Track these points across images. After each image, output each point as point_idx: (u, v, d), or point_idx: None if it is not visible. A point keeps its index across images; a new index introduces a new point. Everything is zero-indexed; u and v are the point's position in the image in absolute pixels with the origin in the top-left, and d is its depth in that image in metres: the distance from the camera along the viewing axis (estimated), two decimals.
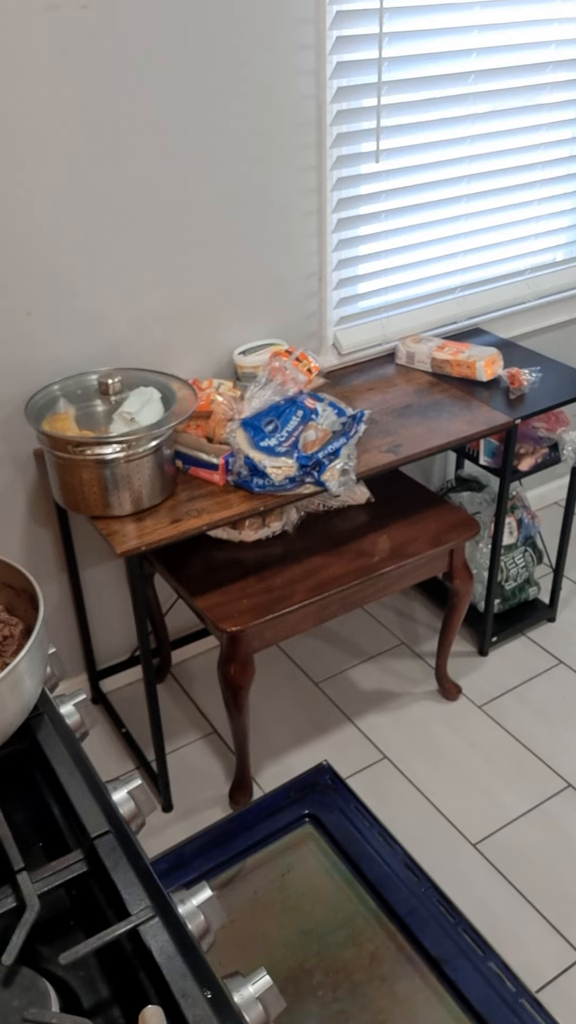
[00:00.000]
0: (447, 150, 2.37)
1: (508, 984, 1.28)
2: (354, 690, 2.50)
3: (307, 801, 1.58)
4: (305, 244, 2.24)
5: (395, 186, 2.32)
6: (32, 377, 1.95)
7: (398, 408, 2.22)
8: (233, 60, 1.93)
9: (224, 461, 1.90)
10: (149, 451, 1.80)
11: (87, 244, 1.93)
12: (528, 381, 2.28)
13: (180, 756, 2.32)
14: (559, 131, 2.57)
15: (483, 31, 2.25)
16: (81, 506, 1.85)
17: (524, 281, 2.73)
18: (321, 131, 2.12)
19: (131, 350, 2.07)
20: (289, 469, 1.87)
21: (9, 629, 1.06)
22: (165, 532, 1.80)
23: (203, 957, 0.84)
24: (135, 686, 2.51)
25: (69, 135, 1.81)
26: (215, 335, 2.21)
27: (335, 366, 2.42)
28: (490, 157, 2.46)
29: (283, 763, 2.28)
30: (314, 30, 1.99)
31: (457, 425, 2.15)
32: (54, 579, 2.28)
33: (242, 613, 1.90)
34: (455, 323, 2.60)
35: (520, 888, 1.95)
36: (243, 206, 2.10)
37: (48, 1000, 0.81)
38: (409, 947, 1.35)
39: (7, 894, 0.87)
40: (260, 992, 0.83)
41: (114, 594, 2.40)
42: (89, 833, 0.91)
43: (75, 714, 1.11)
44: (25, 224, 1.84)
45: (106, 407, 1.88)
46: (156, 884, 0.89)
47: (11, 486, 2.09)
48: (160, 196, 1.97)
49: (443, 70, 2.25)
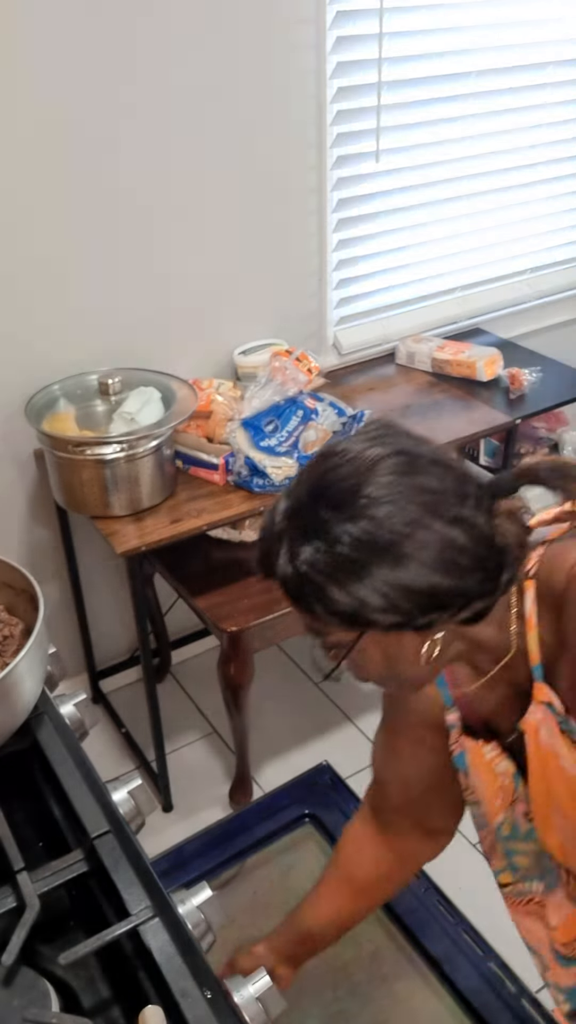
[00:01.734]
0: (447, 150, 2.37)
1: (508, 984, 1.28)
2: (354, 690, 2.50)
3: (307, 801, 1.57)
4: (305, 244, 2.24)
5: (395, 186, 2.32)
6: (32, 377, 1.95)
7: (398, 408, 2.22)
8: (233, 60, 1.93)
9: (224, 461, 1.90)
10: (149, 451, 1.79)
11: (87, 244, 1.92)
12: (528, 381, 2.28)
13: (180, 756, 2.31)
14: (559, 131, 2.57)
15: (483, 31, 2.25)
16: (81, 506, 1.85)
17: (524, 281, 2.73)
18: (321, 131, 2.11)
19: (131, 350, 2.07)
20: (289, 469, 1.87)
21: (9, 629, 1.06)
22: (165, 532, 1.79)
23: (203, 957, 0.84)
24: (135, 686, 2.51)
25: (69, 135, 1.81)
26: (215, 335, 2.21)
27: (335, 366, 2.42)
28: (490, 157, 2.46)
29: (283, 763, 2.28)
30: (314, 30, 1.99)
31: (457, 425, 2.15)
32: (54, 579, 2.28)
33: (242, 613, 1.90)
34: (455, 323, 2.60)
35: None
36: (243, 206, 2.10)
37: (48, 1000, 0.81)
38: (409, 947, 1.35)
39: (7, 894, 0.87)
40: (260, 992, 0.83)
41: (114, 594, 2.40)
42: (89, 833, 0.91)
43: (75, 714, 1.11)
44: (25, 224, 1.83)
45: (106, 407, 1.88)
46: (156, 884, 0.89)
47: (11, 486, 2.09)
48: (160, 196, 1.97)
49: (443, 69, 2.24)
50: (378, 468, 0.77)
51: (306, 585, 0.77)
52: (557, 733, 0.84)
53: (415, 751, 1.06)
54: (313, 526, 0.77)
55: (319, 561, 0.76)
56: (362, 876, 1.17)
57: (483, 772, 0.97)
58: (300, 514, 0.78)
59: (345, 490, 0.76)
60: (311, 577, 0.76)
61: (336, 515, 0.76)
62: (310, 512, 0.77)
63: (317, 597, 0.77)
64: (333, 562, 0.75)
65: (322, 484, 0.78)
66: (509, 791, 0.96)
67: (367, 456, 0.78)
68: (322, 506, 0.77)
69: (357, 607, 0.76)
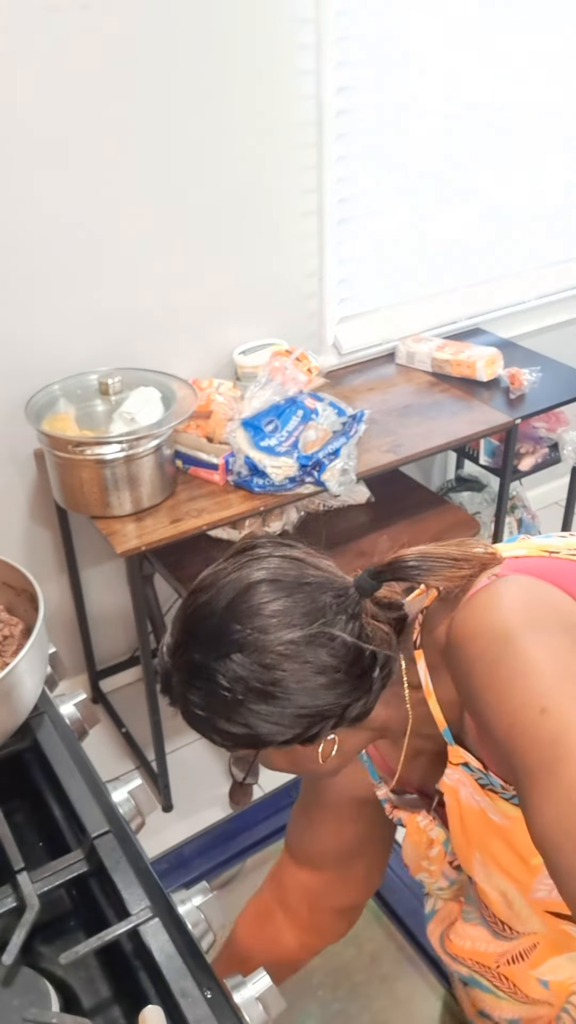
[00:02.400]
0: (448, 149, 2.37)
1: None
2: None
3: None
4: (305, 244, 2.24)
5: (395, 186, 2.32)
6: (32, 377, 1.95)
7: (398, 408, 2.22)
8: (233, 60, 1.93)
9: (224, 461, 1.90)
10: (149, 451, 1.79)
11: (87, 244, 1.92)
12: (528, 381, 2.28)
13: (180, 756, 2.31)
14: (559, 130, 2.57)
15: (482, 30, 2.25)
16: (81, 506, 1.85)
17: (524, 281, 2.73)
18: (321, 131, 2.11)
19: (131, 350, 2.07)
20: (289, 469, 1.87)
21: (9, 629, 1.06)
22: (165, 532, 1.79)
23: (203, 957, 0.84)
24: (135, 686, 2.50)
25: (68, 135, 1.81)
26: (215, 335, 2.21)
27: (335, 366, 2.42)
28: (490, 156, 2.46)
29: None
30: (314, 29, 1.99)
31: (457, 425, 2.15)
32: (54, 579, 2.28)
33: None
34: (455, 323, 2.60)
35: None
36: (243, 206, 2.10)
37: (48, 1000, 0.81)
38: (409, 947, 1.35)
39: (7, 894, 0.87)
40: (260, 992, 0.83)
41: (114, 594, 2.40)
42: (89, 833, 0.91)
43: (75, 714, 1.11)
44: (25, 224, 1.83)
45: (106, 407, 1.88)
46: (156, 884, 0.89)
47: (11, 486, 2.09)
48: (160, 196, 1.97)
49: (443, 70, 2.24)
50: (241, 601, 0.79)
51: (199, 722, 0.83)
52: (479, 790, 0.85)
53: (337, 826, 1.08)
54: (191, 668, 0.81)
55: (203, 702, 0.81)
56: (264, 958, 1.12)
57: (419, 842, 0.99)
58: (179, 654, 0.82)
59: (212, 630, 0.80)
60: (202, 716, 0.81)
61: (208, 656, 0.79)
62: (186, 654, 0.81)
63: (211, 730, 0.82)
64: (216, 702, 0.80)
65: (192, 624, 0.82)
66: (440, 857, 0.99)
67: (229, 588, 0.80)
68: (195, 648, 0.81)
69: (248, 734, 0.80)
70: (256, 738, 0.81)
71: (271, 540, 0.86)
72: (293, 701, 0.78)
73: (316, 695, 0.79)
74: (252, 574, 0.81)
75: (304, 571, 0.82)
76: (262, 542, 0.85)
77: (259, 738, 0.81)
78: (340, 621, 0.80)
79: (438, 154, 2.36)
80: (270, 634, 0.78)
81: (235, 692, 0.78)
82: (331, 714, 0.80)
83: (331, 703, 0.80)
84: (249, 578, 0.81)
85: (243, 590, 0.80)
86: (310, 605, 0.80)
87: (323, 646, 0.78)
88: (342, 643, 0.79)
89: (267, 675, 0.77)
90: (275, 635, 0.78)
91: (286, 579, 0.81)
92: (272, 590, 0.80)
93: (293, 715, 0.79)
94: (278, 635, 0.78)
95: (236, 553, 0.85)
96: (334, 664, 0.79)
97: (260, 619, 0.78)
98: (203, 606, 0.81)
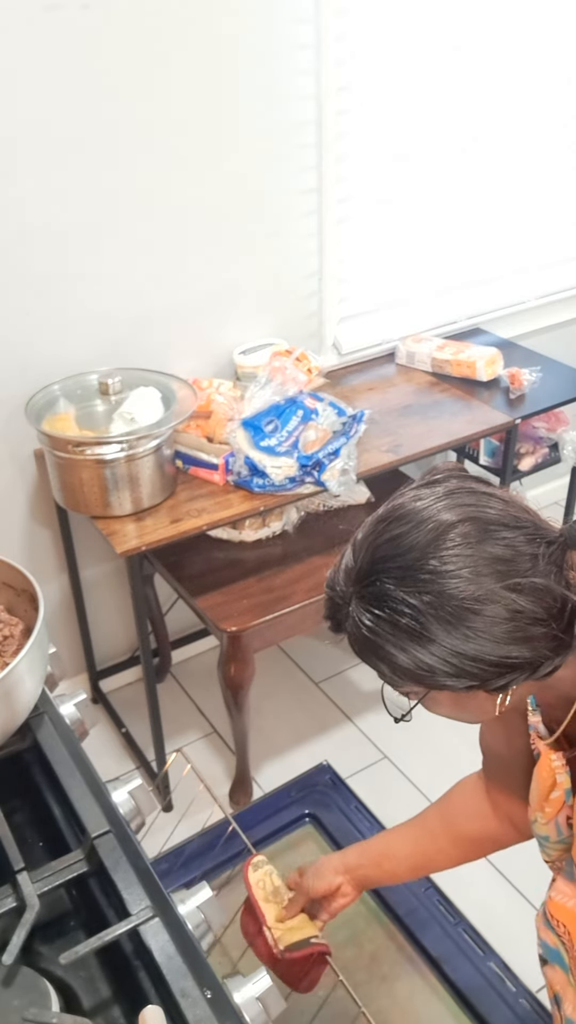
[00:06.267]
0: (448, 149, 2.37)
1: (508, 984, 1.28)
2: (354, 690, 2.50)
3: (307, 801, 1.58)
4: (305, 244, 2.24)
5: (395, 185, 2.32)
6: (32, 377, 1.95)
7: (398, 408, 2.22)
8: (233, 59, 1.93)
9: (224, 461, 1.90)
10: (149, 451, 1.79)
11: (87, 244, 1.92)
12: (528, 381, 2.28)
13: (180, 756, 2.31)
14: (560, 130, 2.57)
15: (481, 31, 2.25)
16: (81, 506, 1.85)
17: (524, 281, 2.73)
18: (320, 130, 2.11)
19: (131, 350, 2.07)
20: (289, 469, 1.87)
21: (9, 629, 1.06)
22: (165, 532, 1.79)
23: (203, 957, 0.84)
24: (135, 686, 2.51)
25: (69, 135, 1.81)
26: (215, 335, 2.21)
27: (335, 366, 2.42)
28: (491, 157, 2.46)
29: (283, 763, 2.28)
30: (314, 29, 1.99)
31: (457, 425, 2.15)
32: (54, 579, 2.28)
33: (242, 613, 1.90)
34: (455, 323, 2.60)
35: (520, 888, 1.95)
36: (243, 206, 2.10)
37: (48, 1000, 0.81)
38: (409, 947, 1.35)
39: (7, 894, 0.87)
40: (260, 992, 0.83)
41: (114, 594, 2.40)
42: (89, 833, 0.91)
43: (75, 714, 1.11)
44: (25, 224, 1.83)
45: (106, 407, 1.88)
46: (156, 884, 0.89)
47: (11, 486, 2.09)
48: (160, 196, 1.97)
49: (442, 70, 2.24)
50: (444, 539, 0.75)
51: (372, 649, 0.77)
52: None
53: (507, 733, 1.05)
54: (376, 595, 0.76)
55: (383, 629, 0.76)
56: (466, 826, 1.16)
57: (545, 778, 0.95)
58: (362, 580, 0.78)
59: (409, 563, 0.75)
60: (376, 643, 0.76)
61: (399, 587, 0.75)
62: (372, 581, 0.77)
63: (383, 659, 0.77)
64: (398, 631, 0.75)
65: (385, 553, 0.77)
66: (559, 803, 0.94)
67: (433, 524, 0.75)
68: (385, 577, 0.76)
69: (425, 671, 0.76)
70: (433, 679, 0.76)
71: (472, 476, 0.82)
72: (487, 646, 0.73)
73: (514, 644, 0.74)
74: (459, 510, 0.76)
75: (509, 512, 0.78)
76: (464, 476, 0.81)
77: (437, 679, 0.76)
78: (547, 570, 0.75)
79: (438, 154, 2.36)
80: (472, 576, 0.73)
81: (426, 623, 0.73)
82: (523, 667, 0.76)
83: (527, 655, 0.75)
84: (455, 514, 0.76)
85: (447, 526, 0.75)
86: (518, 548, 0.75)
87: (528, 594, 0.74)
88: (549, 594, 0.74)
89: (464, 616, 0.73)
90: (477, 578, 0.73)
91: (491, 520, 0.76)
92: (476, 531, 0.75)
93: (483, 660, 0.74)
94: (480, 579, 0.73)
95: (433, 483, 0.80)
96: (538, 615, 0.74)
97: (464, 560, 0.73)
98: (399, 537, 0.76)
